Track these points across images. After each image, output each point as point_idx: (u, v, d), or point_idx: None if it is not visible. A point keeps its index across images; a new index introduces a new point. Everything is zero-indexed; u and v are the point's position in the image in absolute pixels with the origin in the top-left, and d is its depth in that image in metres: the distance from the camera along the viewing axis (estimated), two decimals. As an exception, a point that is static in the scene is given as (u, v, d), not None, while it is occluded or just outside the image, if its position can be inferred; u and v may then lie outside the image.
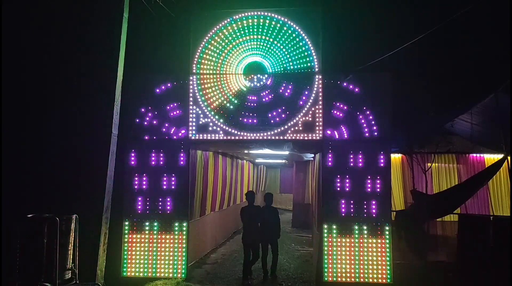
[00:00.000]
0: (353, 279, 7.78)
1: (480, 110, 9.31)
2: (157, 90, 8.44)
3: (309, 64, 8.33)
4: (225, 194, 12.46)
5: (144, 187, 8.27)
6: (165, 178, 8.29)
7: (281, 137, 8.28)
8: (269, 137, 8.30)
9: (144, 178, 8.29)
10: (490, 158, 10.52)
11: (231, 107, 8.40)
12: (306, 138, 8.23)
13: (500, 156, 9.00)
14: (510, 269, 6.99)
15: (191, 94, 8.44)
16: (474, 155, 10.90)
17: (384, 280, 7.75)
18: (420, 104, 9.87)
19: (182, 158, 8.35)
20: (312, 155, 11.39)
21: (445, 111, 9.76)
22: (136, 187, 8.26)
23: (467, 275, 7.92)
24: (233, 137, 8.37)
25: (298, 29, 8.34)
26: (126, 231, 8.14)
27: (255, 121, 8.33)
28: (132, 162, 8.28)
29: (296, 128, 8.24)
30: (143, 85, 8.47)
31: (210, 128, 8.39)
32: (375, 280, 7.77)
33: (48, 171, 7.39)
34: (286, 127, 8.25)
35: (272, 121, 8.29)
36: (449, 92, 9.36)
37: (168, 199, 8.24)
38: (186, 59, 8.51)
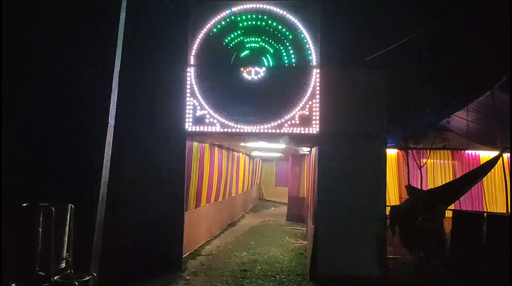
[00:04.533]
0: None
1: (476, 107, 9.36)
2: (155, 81, 8.41)
3: (307, 58, 8.31)
4: (220, 186, 12.47)
5: (139, 177, 8.30)
6: (161, 169, 8.29)
7: (278, 131, 8.28)
8: (265, 130, 8.30)
9: (139, 170, 8.31)
10: (485, 156, 10.57)
11: (228, 99, 8.37)
12: (302, 132, 8.24)
13: (495, 154, 9.06)
14: (510, 267, 7.04)
15: (188, 86, 8.41)
16: (469, 152, 10.96)
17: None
18: (416, 99, 9.90)
19: (178, 150, 8.34)
20: (308, 149, 11.43)
21: (441, 107, 9.80)
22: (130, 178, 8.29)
23: (459, 271, 7.99)
24: (229, 130, 8.36)
25: (296, 22, 8.31)
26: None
27: (252, 113, 8.31)
28: (128, 153, 8.30)
29: (293, 121, 8.24)
30: (141, 75, 8.44)
31: (207, 120, 8.37)
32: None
33: (43, 160, 7.35)
34: (283, 120, 8.25)
35: (269, 114, 8.28)
36: (445, 89, 9.40)
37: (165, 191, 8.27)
38: (184, 50, 8.47)
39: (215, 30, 8.45)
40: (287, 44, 8.35)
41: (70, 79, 7.60)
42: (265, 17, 8.35)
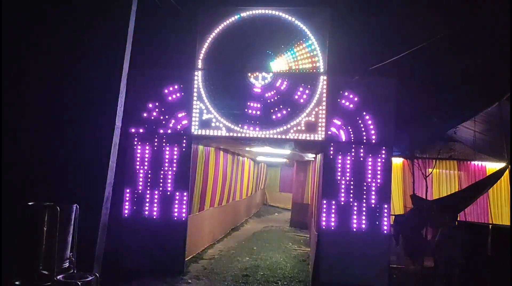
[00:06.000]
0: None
1: (484, 118, 9.30)
2: (162, 85, 8.46)
3: (314, 65, 8.32)
4: (224, 190, 12.48)
5: (147, 180, 8.35)
6: (168, 173, 8.33)
7: (284, 136, 8.29)
8: (271, 136, 8.31)
9: (148, 171, 8.36)
10: (492, 167, 10.50)
11: (235, 104, 8.40)
12: (308, 138, 8.24)
13: (502, 165, 8.99)
14: (510, 277, 6.99)
15: (195, 90, 8.45)
16: (476, 163, 10.90)
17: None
18: (423, 109, 9.86)
19: (183, 153, 8.39)
20: (313, 155, 11.41)
21: (449, 117, 9.75)
22: (140, 178, 8.36)
23: (463, 282, 7.92)
24: (235, 134, 8.38)
25: (305, 29, 8.33)
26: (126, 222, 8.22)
27: (258, 119, 8.33)
28: (137, 155, 8.36)
29: (299, 127, 8.24)
30: (148, 79, 8.51)
31: (213, 124, 8.40)
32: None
33: (50, 160, 7.41)
34: (289, 126, 8.26)
35: (275, 120, 8.29)
36: (453, 99, 9.34)
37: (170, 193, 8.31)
38: (192, 54, 8.52)
39: (223, 34, 8.48)
40: (295, 50, 8.36)
41: (78, 81, 7.69)
42: (274, 22, 8.37)
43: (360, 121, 8.11)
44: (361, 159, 8.04)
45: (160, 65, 8.74)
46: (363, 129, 8.11)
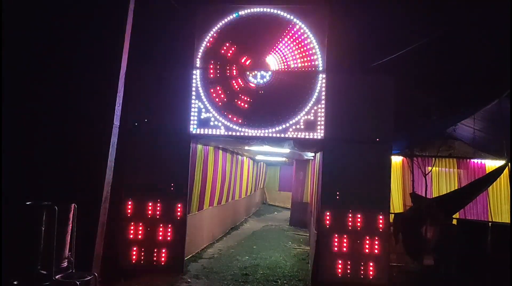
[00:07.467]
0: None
1: (483, 116, 9.29)
2: (160, 83, 8.44)
3: (313, 63, 8.30)
4: (223, 189, 12.46)
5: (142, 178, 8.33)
6: (165, 171, 8.31)
7: (283, 135, 8.27)
8: (270, 134, 8.29)
9: (142, 171, 8.33)
10: (491, 165, 10.50)
11: (234, 102, 8.37)
12: (307, 136, 8.21)
13: (501, 163, 8.97)
14: (510, 276, 6.98)
15: (193, 88, 8.42)
16: (475, 160, 10.89)
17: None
18: (423, 107, 9.86)
19: (182, 152, 8.36)
20: (313, 154, 11.39)
21: (448, 115, 9.74)
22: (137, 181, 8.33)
23: (462, 281, 7.91)
24: (234, 133, 8.35)
25: (304, 26, 8.30)
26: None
27: (257, 117, 8.30)
28: (132, 154, 8.33)
29: (298, 126, 8.22)
30: (146, 77, 8.48)
31: (212, 123, 8.37)
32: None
33: (48, 159, 7.37)
34: (287, 125, 8.23)
35: (274, 118, 8.26)
36: (452, 97, 9.33)
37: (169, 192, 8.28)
38: (190, 52, 8.49)
39: (222, 32, 8.45)
40: (294, 48, 8.34)
41: (76, 79, 7.64)
42: (272, 20, 8.35)
43: (359, 119, 8.08)
44: (360, 157, 8.00)
45: (158, 63, 8.69)
46: (361, 126, 8.07)
